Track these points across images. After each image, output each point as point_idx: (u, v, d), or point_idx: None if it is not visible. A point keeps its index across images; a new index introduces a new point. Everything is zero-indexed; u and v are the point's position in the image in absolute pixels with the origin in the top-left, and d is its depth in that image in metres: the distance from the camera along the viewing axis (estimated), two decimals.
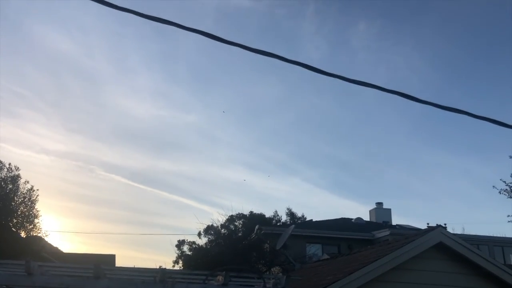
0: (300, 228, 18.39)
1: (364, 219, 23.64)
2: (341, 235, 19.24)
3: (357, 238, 19.06)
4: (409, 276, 5.77)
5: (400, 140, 41.58)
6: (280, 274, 10.15)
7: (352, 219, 23.22)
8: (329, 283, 5.50)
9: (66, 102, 37.60)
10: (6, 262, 6.41)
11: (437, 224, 6.72)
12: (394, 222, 23.27)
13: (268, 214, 27.16)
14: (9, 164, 18.04)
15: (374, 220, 23.76)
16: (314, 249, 18.39)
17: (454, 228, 26.50)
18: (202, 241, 25.09)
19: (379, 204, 24.71)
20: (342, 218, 23.32)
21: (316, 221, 22.95)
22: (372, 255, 6.41)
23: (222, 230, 24.15)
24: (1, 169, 17.22)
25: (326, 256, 11.21)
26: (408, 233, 10.50)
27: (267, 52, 3.13)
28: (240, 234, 23.24)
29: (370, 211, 24.93)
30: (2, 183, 14.56)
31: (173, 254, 25.63)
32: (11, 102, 35.74)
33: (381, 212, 24.18)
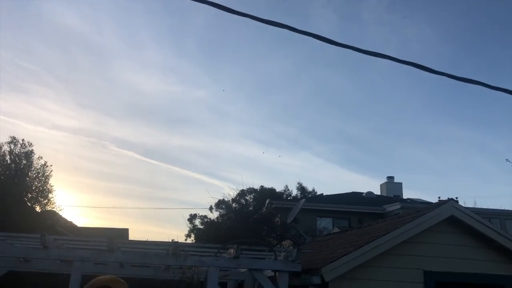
0: (311, 202, 18.47)
1: (375, 193, 23.64)
2: (352, 209, 19.30)
3: (368, 212, 19.10)
4: (420, 249, 5.78)
5: (412, 114, 41.18)
6: (291, 247, 10.24)
7: (363, 193, 23.23)
8: (340, 256, 5.54)
9: (76, 78, 37.59)
10: (22, 235, 6.54)
11: (448, 198, 6.67)
12: (405, 196, 23.27)
13: (279, 188, 27.26)
14: (22, 140, 18.29)
15: (385, 194, 23.78)
16: (324, 223, 18.51)
17: (466, 202, 26.45)
18: (214, 215, 25.35)
19: (390, 178, 24.67)
20: (352, 192, 23.34)
21: (327, 195, 23.02)
22: (383, 228, 6.42)
23: (233, 205, 24.34)
24: (14, 145, 17.47)
25: (336, 230, 11.27)
26: (419, 207, 10.48)
27: (277, 23, 3.07)
28: (251, 209, 23.42)
29: (381, 185, 24.93)
30: (16, 159, 14.76)
31: (185, 228, 25.93)
32: (21, 77, 35.81)
33: (392, 186, 24.17)
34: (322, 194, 24.51)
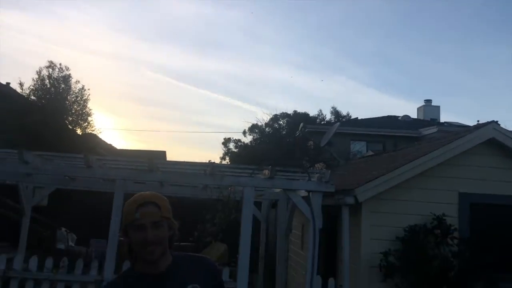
0: (345, 126, 18.37)
1: (412, 117, 23.22)
2: (387, 133, 19.10)
3: (403, 136, 18.87)
4: (456, 171, 5.73)
5: (453, 33, 39.16)
6: (324, 169, 10.35)
7: (398, 116, 22.86)
8: (374, 177, 5.57)
9: (110, 2, 37.18)
10: (67, 155, 6.85)
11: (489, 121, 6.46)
12: (442, 120, 22.78)
13: (312, 113, 27.13)
14: (60, 64, 18.57)
15: (421, 118, 23.31)
16: (358, 147, 18.49)
17: (507, 125, 25.68)
18: (247, 139, 25.68)
19: (428, 101, 24.04)
20: (388, 116, 22.99)
21: (362, 119, 22.77)
22: (419, 151, 6.37)
23: (267, 129, 24.51)
24: (52, 69, 17.81)
25: (371, 153, 11.26)
26: (457, 130, 10.25)
27: None
28: (284, 133, 23.55)
29: (418, 109, 24.40)
30: (55, 83, 15.10)
31: (220, 151, 26.50)
32: (56, 2, 35.71)
33: (429, 109, 23.60)
34: (357, 118, 24.26)
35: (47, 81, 15.55)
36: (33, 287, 5.52)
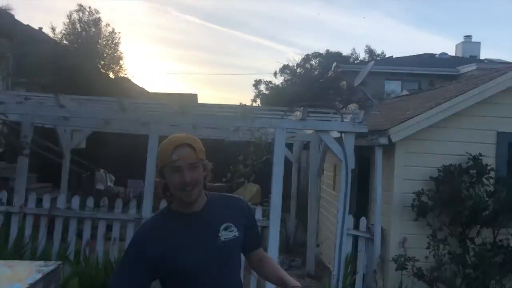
0: (379, 65, 17.85)
1: (450, 54, 22.30)
2: (422, 71, 18.50)
3: (440, 74, 18.25)
4: (495, 110, 5.53)
5: None
6: (358, 110, 10.21)
7: (435, 54, 22.01)
8: (409, 117, 5.46)
9: None
10: (102, 99, 6.98)
11: None
12: (482, 57, 21.80)
13: (346, 52, 26.41)
14: (89, 7, 18.50)
15: (460, 55, 22.37)
16: (393, 86, 18.06)
17: None
18: (278, 80, 25.41)
19: (467, 37, 22.94)
20: (424, 53, 22.14)
21: (396, 58, 22.04)
22: (456, 90, 6.16)
23: (298, 70, 24.11)
24: (82, 12, 17.77)
25: (405, 93, 10.98)
26: (498, 67, 9.81)
27: None
28: (316, 73, 23.13)
29: (457, 46, 23.37)
30: (86, 27, 15.13)
31: (251, 93, 26.43)
32: None
33: (468, 46, 22.57)
34: (392, 56, 23.48)
35: (78, 25, 15.58)
36: (76, 225, 5.82)
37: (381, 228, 5.56)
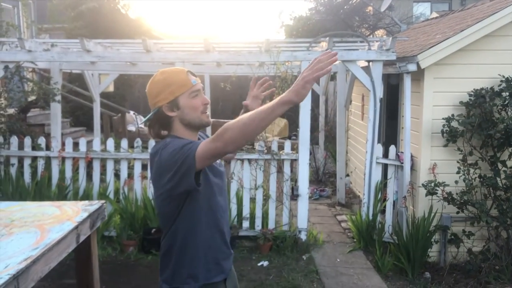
0: None
1: None
2: None
3: None
4: None
5: None
6: (385, 36, 9.91)
7: None
8: (438, 42, 5.28)
9: None
10: (126, 41, 7.00)
11: None
12: None
13: None
14: None
15: None
16: (422, 9, 17.29)
17: None
18: (302, 9, 24.65)
19: None
20: None
21: None
22: (490, 8, 5.87)
23: None
24: None
25: (435, 15, 10.51)
26: None
27: None
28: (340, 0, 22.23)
29: None
30: None
31: (274, 24, 25.78)
32: None
33: None
34: None
35: None
36: (113, 165, 6.06)
37: (410, 155, 5.59)
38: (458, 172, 5.17)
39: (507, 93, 5.04)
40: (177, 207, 1.97)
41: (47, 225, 2.21)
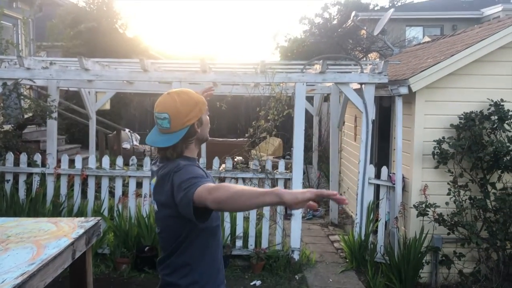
0: (400, 11, 17.36)
1: None
2: (444, 15, 17.95)
3: (463, 18, 17.68)
4: None
5: None
6: (378, 59, 10.10)
7: None
8: (429, 66, 5.42)
9: None
10: (123, 61, 7.10)
11: None
12: None
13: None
14: None
15: None
16: (414, 33, 17.62)
17: None
18: (297, 31, 24.97)
19: None
20: None
21: (418, 3, 21.30)
22: (479, 35, 6.04)
23: (316, 19, 23.56)
24: None
25: (427, 39, 10.74)
26: None
27: None
28: (335, 22, 22.59)
29: None
30: None
31: (269, 46, 26.09)
32: None
33: None
34: (413, 1, 22.72)
35: None
36: (108, 183, 6.10)
37: (402, 177, 5.67)
38: (448, 194, 5.25)
39: (496, 117, 5.16)
40: (185, 227, 2.01)
41: (43, 241, 2.24)
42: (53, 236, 2.35)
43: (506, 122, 5.14)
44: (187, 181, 1.87)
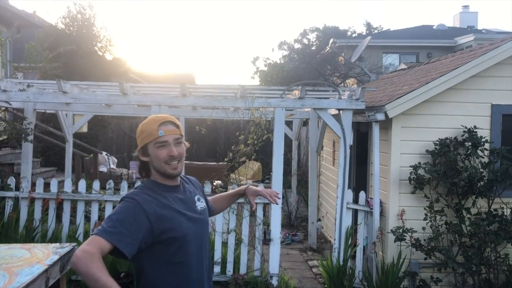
0: (377, 39, 17.81)
1: (447, 25, 22.18)
2: (420, 43, 18.50)
3: (437, 46, 18.25)
4: (489, 83, 5.60)
5: None
6: (355, 86, 10.29)
7: (433, 26, 21.90)
8: (405, 93, 5.55)
9: None
10: (102, 84, 7.07)
11: None
12: (480, 27, 21.69)
13: (343, 26, 26.25)
14: None
15: (458, 26, 22.25)
16: (391, 60, 18.08)
17: None
18: (276, 56, 25.32)
19: (465, 7, 22.78)
20: (422, 25, 22.05)
21: (394, 30, 21.96)
22: (452, 63, 6.23)
23: (296, 45, 23.98)
24: None
25: (403, 66, 11.02)
26: (495, 38, 9.85)
27: None
28: (313, 48, 23.01)
29: (454, 16, 23.24)
30: (81, 9, 15.03)
31: (250, 69, 26.30)
32: None
33: (466, 16, 22.44)
34: (389, 29, 23.38)
35: (73, 7, 15.48)
36: (83, 207, 5.98)
37: (379, 201, 5.73)
38: (425, 219, 5.32)
39: (470, 143, 5.29)
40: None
41: (15, 268, 2.18)
42: (26, 263, 2.29)
43: (479, 148, 5.27)
44: (106, 218, 1.95)
